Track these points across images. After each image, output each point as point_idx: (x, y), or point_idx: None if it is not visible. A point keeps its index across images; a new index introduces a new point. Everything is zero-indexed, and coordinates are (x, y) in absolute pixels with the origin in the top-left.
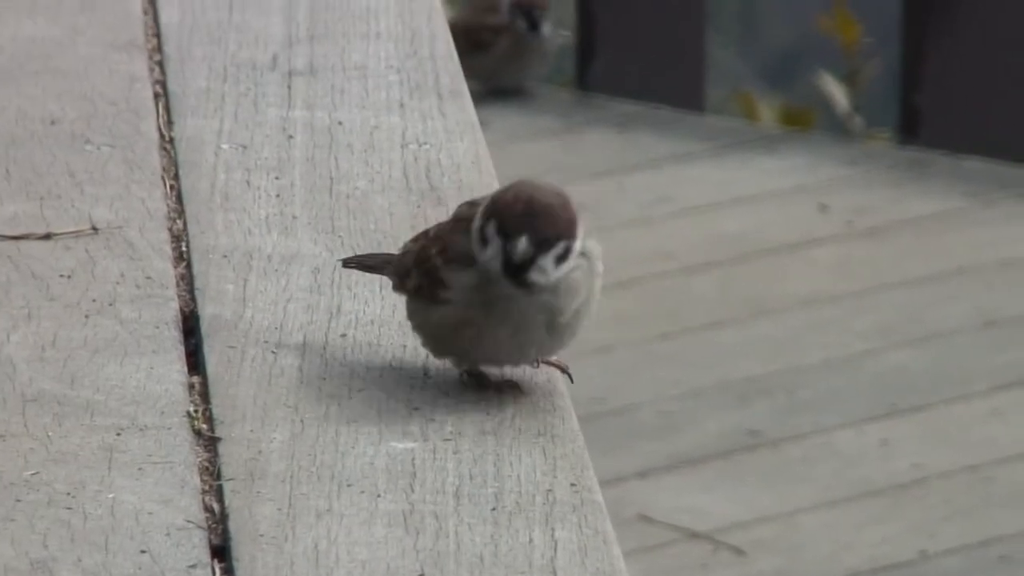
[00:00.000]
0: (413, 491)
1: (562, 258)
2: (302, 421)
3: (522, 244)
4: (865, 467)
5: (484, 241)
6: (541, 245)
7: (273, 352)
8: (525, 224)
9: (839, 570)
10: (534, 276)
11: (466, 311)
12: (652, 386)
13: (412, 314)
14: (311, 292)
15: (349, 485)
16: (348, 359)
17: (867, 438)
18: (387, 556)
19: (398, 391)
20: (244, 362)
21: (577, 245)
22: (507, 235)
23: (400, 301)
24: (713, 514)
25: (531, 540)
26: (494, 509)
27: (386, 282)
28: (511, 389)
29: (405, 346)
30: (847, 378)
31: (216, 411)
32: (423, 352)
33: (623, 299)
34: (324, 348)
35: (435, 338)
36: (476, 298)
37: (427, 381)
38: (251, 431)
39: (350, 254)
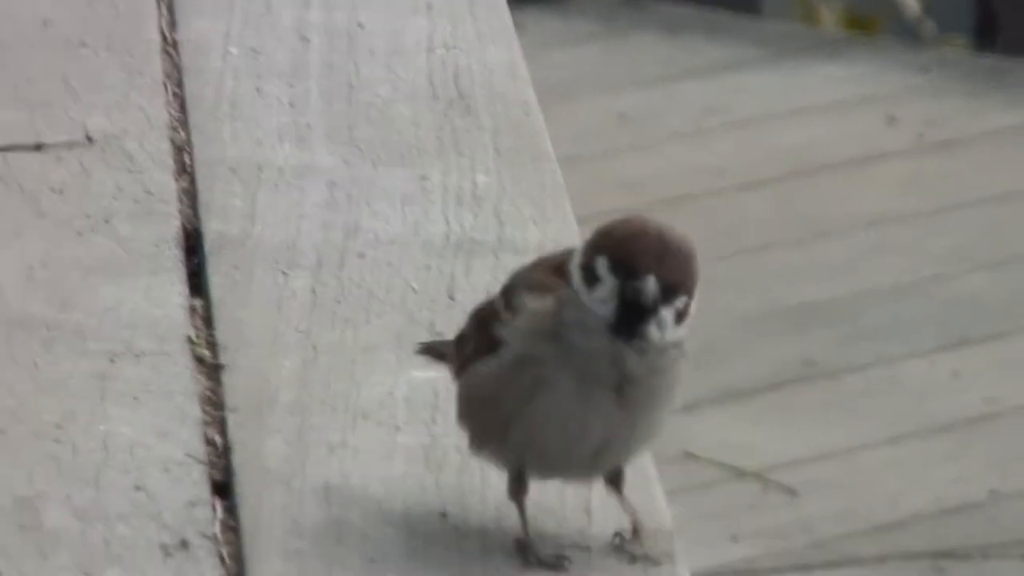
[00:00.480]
0: (435, 424)
1: (681, 316)
2: (314, 348)
3: (651, 285)
4: (933, 401)
5: (591, 280)
6: (667, 293)
7: (284, 273)
8: (654, 262)
9: (902, 512)
10: (653, 332)
11: (524, 345)
12: (700, 312)
13: (459, 386)
14: (326, 208)
15: (365, 417)
16: (366, 281)
17: (936, 370)
18: (406, 494)
19: (420, 315)
20: (251, 284)
21: (695, 306)
22: (629, 272)
23: None
24: (763, 451)
25: None
26: None
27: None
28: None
29: (429, 267)
30: (915, 305)
31: (220, 336)
32: (447, 273)
33: (670, 218)
34: (340, 269)
35: (479, 403)
36: (543, 328)
37: (452, 304)
38: (258, 358)
39: (370, 168)
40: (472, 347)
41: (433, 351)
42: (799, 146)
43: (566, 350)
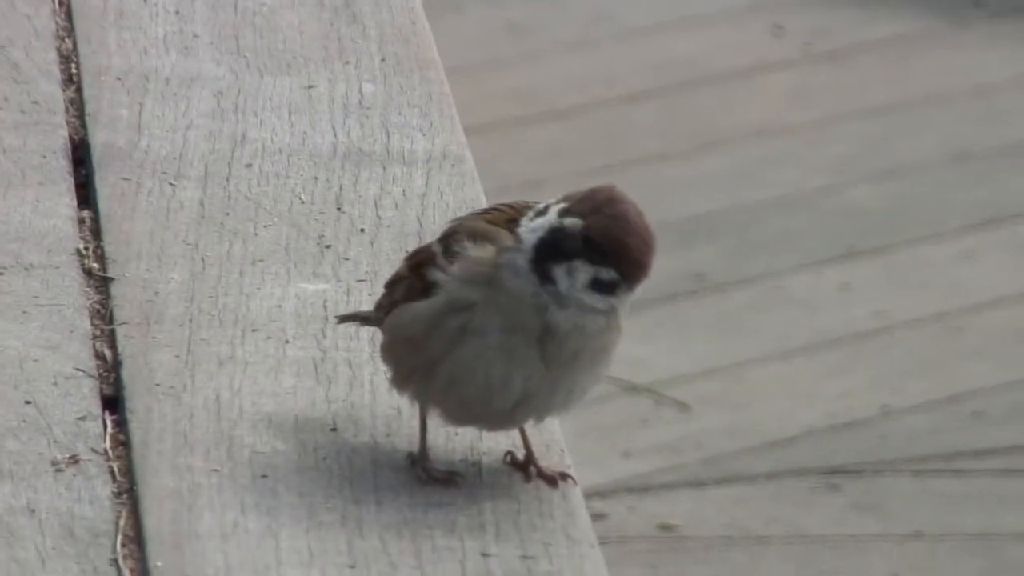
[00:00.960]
0: (325, 337)
1: (604, 289)
2: (203, 260)
3: (570, 223)
4: (822, 315)
5: (539, 213)
6: (593, 249)
7: (171, 184)
8: (589, 211)
9: (793, 427)
10: (561, 276)
11: (458, 290)
12: None
13: (387, 324)
14: (213, 118)
15: (254, 330)
16: (254, 192)
17: (825, 283)
18: (296, 407)
19: (309, 227)
20: (139, 195)
21: (630, 296)
22: (567, 212)
23: None
24: (654, 366)
25: None
26: None
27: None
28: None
29: (317, 177)
30: (803, 217)
31: (108, 249)
32: (335, 183)
33: (558, 129)
34: (227, 180)
35: (407, 343)
36: (479, 274)
37: (340, 216)
38: (147, 271)
39: (257, 77)
40: (404, 289)
41: (355, 319)
42: (686, 57)
43: (496, 297)
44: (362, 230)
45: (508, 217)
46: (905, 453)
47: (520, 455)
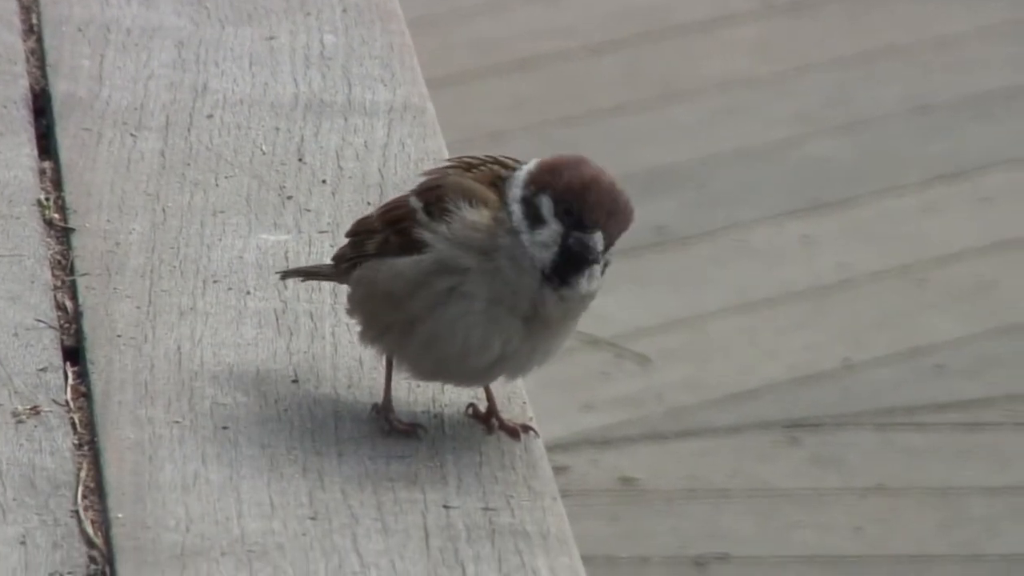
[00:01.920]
0: (286, 288)
1: (606, 267)
2: (164, 211)
3: (598, 241)
4: (784, 267)
5: (533, 219)
6: (606, 249)
7: (132, 135)
8: (604, 217)
9: (754, 380)
10: (583, 283)
11: (451, 252)
12: None
13: (362, 277)
14: (174, 69)
15: (215, 281)
16: (215, 143)
17: (787, 235)
18: (257, 359)
19: (270, 178)
20: (100, 145)
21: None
22: (580, 224)
23: None
24: (616, 319)
25: None
26: None
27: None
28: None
29: (278, 128)
30: (765, 169)
31: (69, 199)
32: (297, 134)
33: (520, 81)
34: (188, 131)
35: (385, 299)
36: (474, 240)
37: (302, 167)
38: (108, 221)
39: (218, 28)
40: (378, 243)
41: (299, 274)
42: (649, 7)
43: (491, 271)
44: (324, 181)
45: (490, 178)
46: (867, 406)
47: (482, 407)
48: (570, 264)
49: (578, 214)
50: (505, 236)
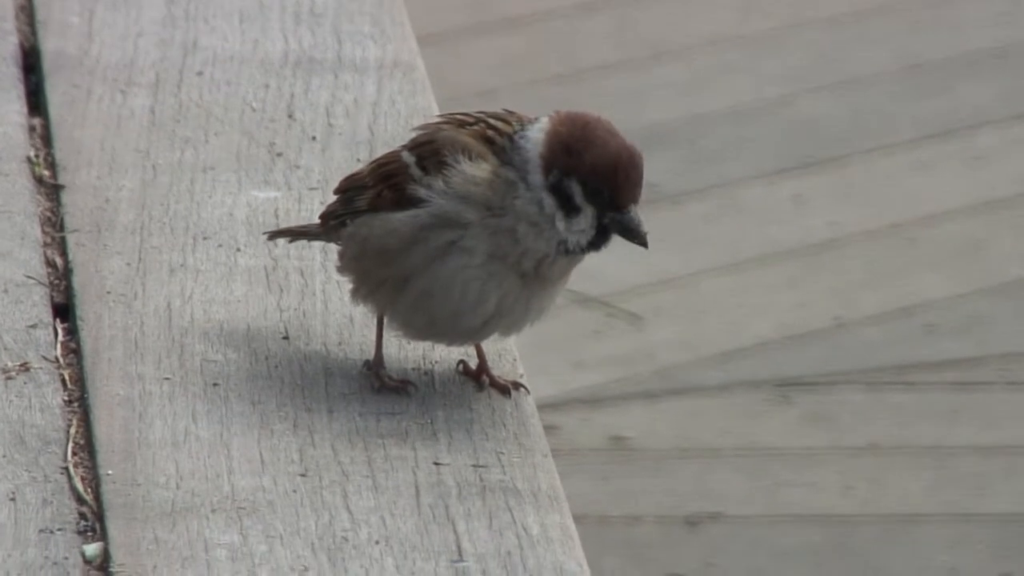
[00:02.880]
0: (276, 246)
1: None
2: (154, 167)
3: (636, 216)
4: (775, 225)
5: (568, 208)
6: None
7: (122, 91)
8: (636, 192)
9: (745, 338)
10: (606, 245)
11: (451, 206)
12: None
13: (354, 234)
14: (164, 25)
15: (205, 238)
16: (205, 99)
17: (778, 193)
18: (247, 316)
19: (260, 135)
20: (90, 102)
21: None
22: (613, 205)
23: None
24: (606, 277)
25: None
26: None
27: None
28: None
29: (268, 85)
30: (756, 127)
31: (59, 156)
32: (286, 91)
33: (510, 39)
34: (178, 87)
35: (379, 255)
36: (476, 194)
37: (292, 124)
38: (97, 178)
39: None
40: (370, 198)
41: (287, 234)
42: None
43: (494, 227)
44: (313, 138)
45: (483, 135)
46: (858, 365)
47: (473, 364)
48: (606, 239)
49: (611, 196)
50: (520, 198)
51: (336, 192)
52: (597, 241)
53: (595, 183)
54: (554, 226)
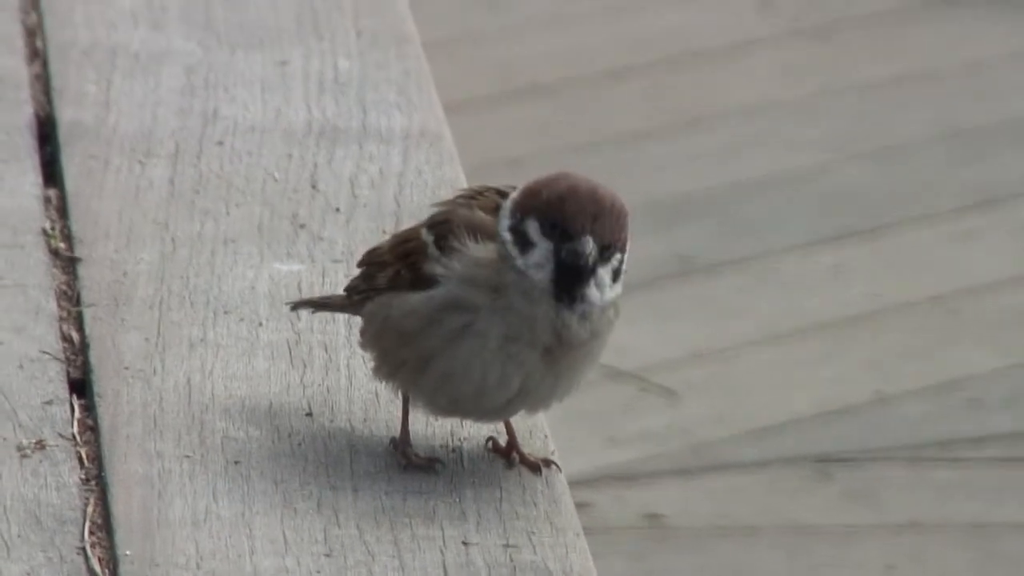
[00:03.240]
0: (299, 319)
1: (617, 275)
2: (173, 240)
3: (588, 246)
4: (813, 297)
5: (523, 244)
6: (604, 252)
7: (140, 162)
8: (588, 222)
9: (783, 413)
10: (593, 293)
11: (460, 290)
12: None
13: (375, 312)
14: (183, 94)
15: (226, 312)
16: (225, 170)
17: (815, 264)
18: (269, 392)
19: (282, 206)
20: (107, 173)
21: (627, 261)
22: (565, 234)
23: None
24: (640, 351)
25: None
26: None
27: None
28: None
29: (290, 155)
30: (792, 197)
31: (75, 228)
32: (310, 161)
33: (539, 106)
34: (198, 158)
35: (398, 335)
36: (481, 277)
37: (315, 195)
38: (115, 251)
39: (228, 53)
40: (389, 277)
41: (311, 304)
42: (670, 32)
43: (502, 308)
44: (337, 209)
45: (494, 206)
46: (899, 441)
47: (502, 441)
48: (569, 277)
49: (562, 226)
50: (510, 272)
51: (358, 265)
52: (561, 277)
53: (548, 217)
54: (525, 273)
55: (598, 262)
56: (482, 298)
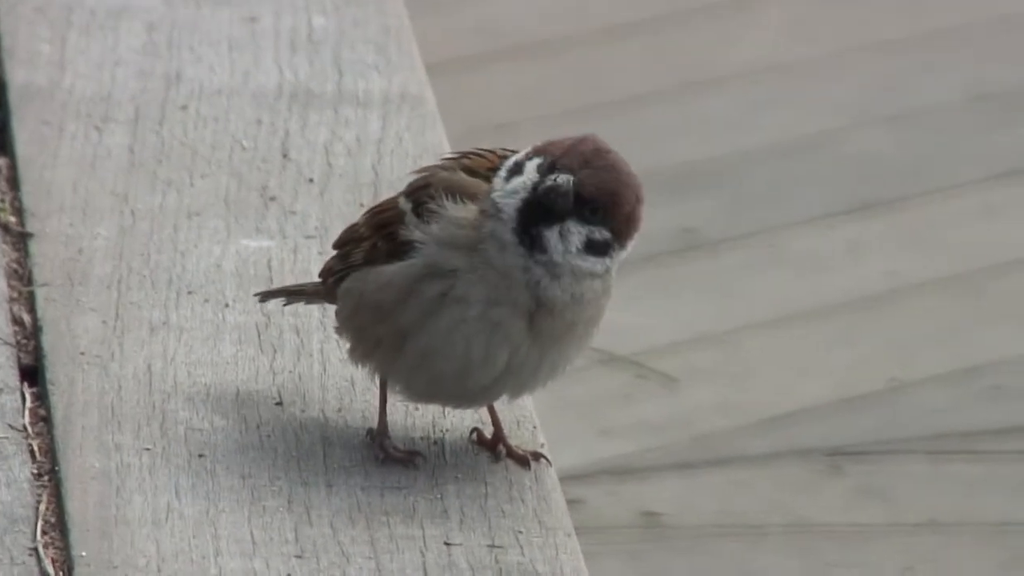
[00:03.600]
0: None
1: (598, 250)
2: (132, 213)
3: (565, 183)
4: (826, 276)
5: (513, 171)
6: (582, 205)
7: (97, 128)
8: (578, 165)
9: (793, 402)
10: (550, 237)
11: (438, 254)
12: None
13: (349, 290)
14: (144, 54)
15: (190, 292)
16: (189, 137)
17: (830, 240)
18: (237, 379)
19: (251, 177)
20: (62, 140)
21: (623, 254)
22: (552, 168)
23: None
24: (638, 334)
25: None
26: None
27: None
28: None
29: (260, 121)
30: (805, 166)
31: (27, 200)
32: (281, 128)
33: (530, 68)
34: (160, 123)
35: (374, 310)
36: (460, 237)
37: (287, 165)
38: (70, 225)
39: (193, 9)
40: (365, 251)
41: (281, 294)
42: None
43: (479, 264)
44: (311, 180)
45: (489, 164)
46: (917, 432)
47: (488, 432)
48: (533, 210)
49: (552, 162)
50: (488, 221)
51: (334, 247)
52: (525, 209)
53: (550, 156)
54: (501, 215)
55: (573, 215)
56: (460, 259)
